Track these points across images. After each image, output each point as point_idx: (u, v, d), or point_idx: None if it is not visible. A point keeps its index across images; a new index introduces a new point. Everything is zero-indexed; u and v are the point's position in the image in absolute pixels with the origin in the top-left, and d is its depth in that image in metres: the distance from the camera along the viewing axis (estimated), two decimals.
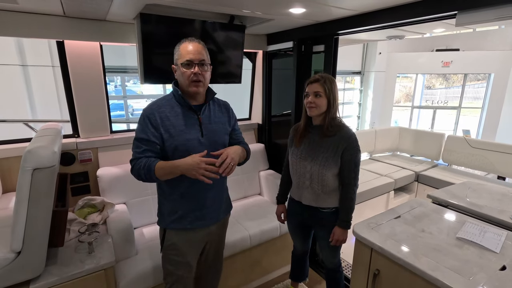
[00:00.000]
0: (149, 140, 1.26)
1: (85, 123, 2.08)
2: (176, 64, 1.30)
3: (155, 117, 1.27)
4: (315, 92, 1.48)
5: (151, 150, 1.27)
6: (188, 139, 1.30)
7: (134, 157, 1.27)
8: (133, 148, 1.29)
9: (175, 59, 1.31)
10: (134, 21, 1.91)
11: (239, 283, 2.17)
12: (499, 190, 1.86)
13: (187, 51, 1.27)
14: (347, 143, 1.48)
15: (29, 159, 1.20)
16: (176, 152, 1.28)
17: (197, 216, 1.40)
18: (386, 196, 3.52)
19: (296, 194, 1.67)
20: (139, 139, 1.27)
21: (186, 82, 1.28)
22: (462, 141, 3.83)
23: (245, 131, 2.92)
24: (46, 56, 4.17)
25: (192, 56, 1.26)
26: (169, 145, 1.28)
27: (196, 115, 1.34)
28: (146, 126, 1.27)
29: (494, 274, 1.06)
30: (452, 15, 1.40)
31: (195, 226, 1.40)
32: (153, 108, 1.29)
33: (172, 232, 1.40)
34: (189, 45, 1.28)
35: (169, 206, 1.38)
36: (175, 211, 1.37)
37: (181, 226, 1.38)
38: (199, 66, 1.27)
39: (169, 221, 1.38)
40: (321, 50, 2.22)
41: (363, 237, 1.32)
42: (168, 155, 1.29)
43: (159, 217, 1.44)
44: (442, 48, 5.99)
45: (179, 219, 1.37)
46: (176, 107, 1.31)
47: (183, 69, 1.27)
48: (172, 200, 1.37)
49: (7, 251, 1.27)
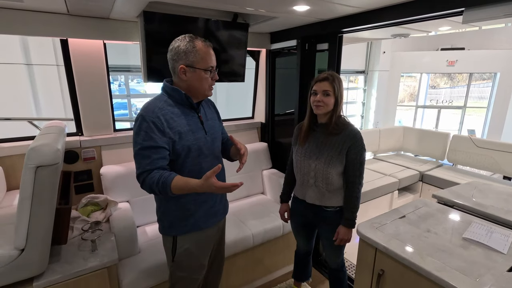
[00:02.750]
0: (158, 147, 1.15)
1: (89, 122, 2.09)
2: (192, 66, 1.20)
3: (160, 121, 1.16)
4: (324, 90, 1.47)
5: (162, 158, 1.17)
6: (197, 137, 1.26)
7: (144, 169, 1.15)
8: (139, 159, 1.16)
9: (190, 60, 1.19)
10: (137, 19, 1.92)
11: (241, 282, 2.16)
12: (506, 190, 1.83)
13: (210, 55, 1.22)
14: (352, 142, 1.47)
15: (33, 157, 1.20)
16: (190, 152, 1.24)
17: (210, 214, 1.36)
18: (390, 196, 3.49)
19: (300, 193, 1.66)
20: (146, 148, 1.15)
21: (205, 86, 1.25)
22: (468, 140, 3.79)
23: (248, 130, 2.91)
24: (51, 55, 4.19)
25: (214, 62, 1.24)
26: (181, 147, 1.21)
27: (197, 114, 1.31)
28: (151, 132, 1.15)
29: (502, 276, 1.04)
30: (459, 12, 1.38)
31: (209, 224, 1.36)
32: (155, 111, 1.18)
33: (185, 237, 1.33)
34: (207, 48, 1.22)
35: (180, 211, 1.30)
36: (188, 214, 1.30)
37: (196, 228, 1.32)
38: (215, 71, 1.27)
39: (182, 226, 1.31)
40: (325, 48, 2.20)
41: (367, 236, 1.31)
42: (179, 158, 1.23)
43: (166, 225, 1.34)
44: (447, 47, 5.93)
45: (194, 221, 1.31)
46: (176, 107, 1.24)
47: (204, 74, 1.22)
48: (185, 203, 1.29)
49: (10, 248, 1.27)
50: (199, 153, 1.26)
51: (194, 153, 1.24)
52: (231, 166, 2.66)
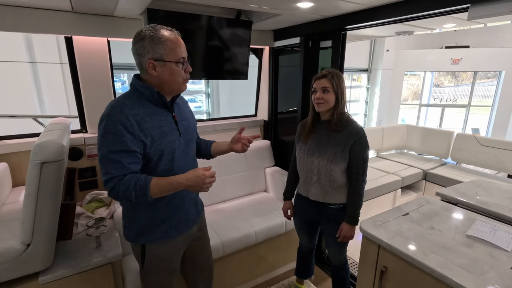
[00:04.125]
0: (130, 151, 1.04)
1: (93, 119, 2.10)
2: (161, 60, 1.06)
3: (130, 121, 1.03)
4: (323, 87, 1.47)
5: (135, 162, 1.06)
6: (171, 140, 1.15)
7: (113, 175, 1.02)
8: (106, 165, 1.03)
9: (158, 53, 1.05)
10: (141, 17, 1.92)
11: (244, 279, 2.17)
12: (510, 189, 1.82)
13: (179, 46, 1.09)
14: (355, 139, 1.46)
15: (38, 153, 1.21)
16: (162, 157, 1.13)
17: (182, 221, 1.27)
18: (393, 194, 3.48)
19: (303, 190, 1.66)
20: (116, 152, 1.02)
21: (179, 80, 1.12)
22: (472, 139, 3.77)
23: (251, 127, 2.91)
24: (55, 54, 4.22)
25: (185, 53, 1.12)
26: (153, 151, 1.10)
27: (170, 113, 1.17)
28: (120, 134, 1.02)
29: (506, 273, 1.04)
30: (464, 9, 1.37)
31: (180, 232, 1.27)
32: (123, 111, 1.04)
33: (154, 245, 1.23)
34: (175, 38, 1.09)
35: (149, 218, 1.20)
36: (158, 222, 1.21)
37: (166, 236, 1.23)
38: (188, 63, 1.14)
39: (151, 235, 1.21)
40: (329, 45, 2.19)
41: (370, 233, 1.31)
42: (151, 162, 1.12)
43: (133, 234, 1.23)
44: (451, 45, 5.88)
45: (164, 230, 1.22)
46: (148, 106, 1.11)
47: (176, 67, 1.09)
48: (155, 210, 1.19)
49: (17, 243, 1.29)
50: (172, 157, 1.16)
51: (167, 157, 1.14)
52: (232, 165, 2.65)
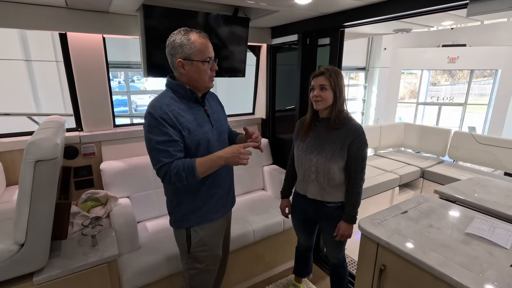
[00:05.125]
0: (173, 140, 1.18)
1: (88, 117, 2.07)
2: (190, 59, 1.20)
3: (169, 116, 1.18)
4: (320, 85, 1.46)
5: (179, 150, 1.20)
6: (205, 131, 1.28)
7: (163, 162, 1.16)
8: (156, 154, 1.17)
9: (187, 53, 1.19)
10: (137, 13, 1.89)
11: (242, 278, 2.16)
12: (508, 186, 1.82)
13: (206, 47, 1.22)
14: (354, 136, 1.45)
15: (32, 151, 1.18)
16: (199, 147, 1.26)
17: (220, 204, 1.39)
18: (391, 192, 3.49)
19: (301, 188, 1.65)
20: (162, 142, 1.16)
21: (205, 78, 1.25)
22: (469, 137, 3.78)
23: (248, 125, 2.89)
24: (50, 51, 4.17)
25: (211, 53, 1.24)
26: (190, 141, 1.23)
27: (202, 107, 1.32)
28: (163, 127, 1.16)
29: (505, 271, 1.03)
30: (464, 5, 1.36)
31: (219, 215, 1.40)
32: (162, 107, 1.18)
33: (197, 228, 1.35)
34: (203, 39, 1.22)
35: (192, 202, 1.32)
36: (200, 205, 1.33)
37: (207, 219, 1.36)
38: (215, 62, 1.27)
39: (195, 218, 1.34)
40: (327, 43, 2.18)
41: (369, 232, 1.30)
42: (189, 152, 1.25)
43: (179, 218, 1.35)
44: (448, 44, 5.89)
45: (205, 212, 1.35)
46: (182, 102, 1.25)
47: (203, 66, 1.22)
48: (197, 195, 1.32)
49: (10, 243, 1.26)
50: (208, 146, 1.28)
51: (203, 147, 1.26)
52: None
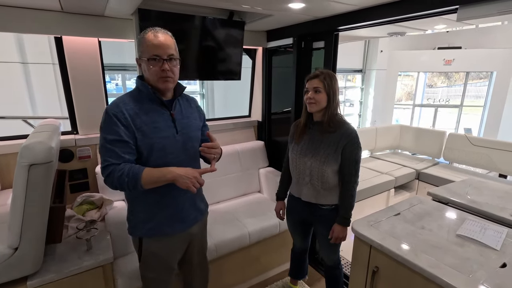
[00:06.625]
0: (123, 141, 1.11)
1: (84, 120, 2.07)
2: (140, 58, 1.17)
3: (124, 115, 1.12)
4: (314, 87, 1.47)
5: (129, 152, 1.13)
6: (164, 136, 1.20)
7: (109, 162, 1.09)
8: (104, 153, 1.11)
9: (140, 52, 1.16)
10: (132, 17, 1.91)
11: (238, 281, 2.16)
12: (501, 188, 1.84)
13: (153, 44, 1.12)
14: (347, 140, 1.47)
15: (26, 155, 1.19)
16: (153, 151, 1.17)
17: (176, 220, 1.30)
18: (386, 194, 3.50)
19: (295, 191, 1.66)
20: (111, 141, 1.10)
21: (154, 78, 1.16)
22: (464, 139, 3.81)
23: (244, 128, 2.90)
24: (47, 54, 4.16)
25: (160, 51, 1.13)
26: (143, 145, 1.16)
27: (168, 111, 1.23)
28: (115, 125, 1.11)
29: (495, 272, 1.04)
30: (453, 10, 1.38)
31: (176, 231, 1.30)
32: (119, 105, 1.14)
33: (150, 240, 1.28)
34: (155, 37, 1.13)
35: (144, 212, 1.25)
36: (151, 217, 1.25)
37: (159, 232, 1.27)
38: (167, 61, 1.14)
39: (146, 229, 1.26)
40: (321, 46, 2.20)
41: (362, 234, 1.31)
42: (142, 156, 1.18)
43: (132, 226, 1.30)
44: (444, 46, 5.95)
45: (157, 225, 1.26)
46: (146, 103, 1.19)
47: (149, 65, 1.14)
48: (148, 205, 1.24)
49: (4, 247, 1.26)
50: (165, 153, 1.20)
51: (158, 152, 1.18)
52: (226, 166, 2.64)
